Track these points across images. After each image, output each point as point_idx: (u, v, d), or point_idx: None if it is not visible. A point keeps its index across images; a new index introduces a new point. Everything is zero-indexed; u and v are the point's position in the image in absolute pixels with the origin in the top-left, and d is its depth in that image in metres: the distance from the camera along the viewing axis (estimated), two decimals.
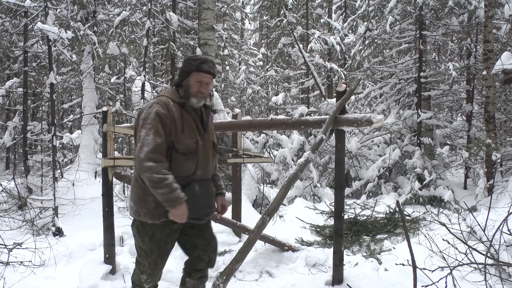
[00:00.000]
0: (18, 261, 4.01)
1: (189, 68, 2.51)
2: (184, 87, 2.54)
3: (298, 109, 9.27)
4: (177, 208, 2.32)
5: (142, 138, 2.35)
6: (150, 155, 2.31)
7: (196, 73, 2.50)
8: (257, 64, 20.30)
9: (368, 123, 3.10)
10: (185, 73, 2.53)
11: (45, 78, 9.22)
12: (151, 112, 2.39)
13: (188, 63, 2.53)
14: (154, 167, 2.30)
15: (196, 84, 2.51)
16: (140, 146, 2.35)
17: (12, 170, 10.94)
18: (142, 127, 2.39)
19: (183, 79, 2.55)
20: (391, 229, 5.47)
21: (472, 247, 2.87)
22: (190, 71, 2.51)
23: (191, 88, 2.52)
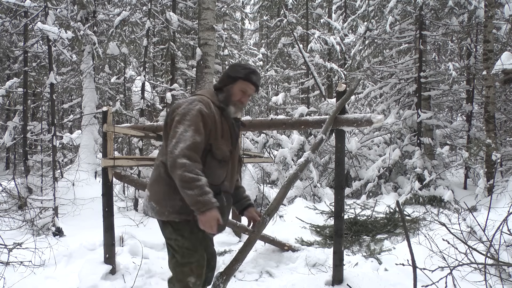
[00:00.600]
0: (18, 261, 4.01)
1: (237, 75, 2.37)
2: (226, 92, 2.40)
3: (298, 109, 9.27)
4: (206, 214, 2.09)
5: (179, 134, 2.16)
6: (186, 152, 2.12)
7: (242, 82, 2.37)
8: (257, 64, 20.28)
9: (368, 123, 3.10)
10: (231, 78, 2.38)
11: (45, 78, 9.22)
12: (192, 109, 2.22)
13: (236, 69, 2.40)
14: (188, 165, 2.10)
15: (239, 92, 2.38)
16: (175, 142, 2.15)
17: (12, 170, 10.95)
18: (179, 123, 2.20)
19: (226, 84, 2.40)
20: (391, 229, 5.47)
21: (472, 247, 2.87)
22: (236, 78, 2.37)
23: (234, 95, 2.38)
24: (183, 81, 13.04)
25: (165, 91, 9.19)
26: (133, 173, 7.73)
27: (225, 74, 2.43)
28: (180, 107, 2.27)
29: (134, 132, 4.17)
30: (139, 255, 4.32)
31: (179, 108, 2.28)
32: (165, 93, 8.75)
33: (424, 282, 2.69)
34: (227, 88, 2.41)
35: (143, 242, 4.58)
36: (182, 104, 2.30)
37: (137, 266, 3.97)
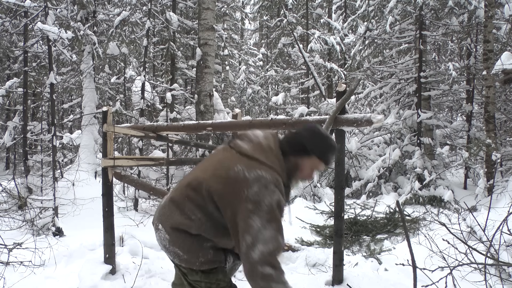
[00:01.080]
0: (18, 261, 4.01)
1: (314, 151, 1.93)
2: (293, 164, 1.95)
3: (298, 109, 9.28)
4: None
5: (257, 231, 1.72)
6: (268, 258, 1.71)
7: (317, 160, 1.96)
8: (257, 64, 20.31)
9: (368, 123, 3.10)
10: (305, 151, 1.93)
11: (45, 78, 9.23)
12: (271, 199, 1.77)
13: (316, 143, 1.94)
14: (275, 276, 1.71)
15: (310, 170, 1.99)
16: (252, 241, 1.71)
17: (12, 170, 10.95)
18: (254, 214, 1.74)
19: (296, 154, 1.94)
20: (391, 229, 5.47)
21: (472, 247, 2.87)
22: (312, 154, 1.93)
23: (302, 171, 1.98)
24: (183, 81, 13.04)
25: (165, 91, 9.19)
26: (133, 173, 7.73)
27: (300, 141, 1.94)
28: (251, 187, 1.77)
29: (134, 132, 4.17)
30: (139, 255, 4.32)
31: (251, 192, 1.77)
32: (165, 93, 8.75)
33: (424, 282, 2.69)
34: (296, 160, 1.95)
35: (143, 242, 4.58)
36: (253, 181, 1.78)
37: (137, 266, 3.97)
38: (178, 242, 1.96)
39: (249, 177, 1.79)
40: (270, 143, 1.95)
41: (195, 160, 7.02)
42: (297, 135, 1.98)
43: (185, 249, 1.95)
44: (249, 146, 1.93)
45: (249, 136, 2.00)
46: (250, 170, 1.81)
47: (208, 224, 1.90)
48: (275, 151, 1.93)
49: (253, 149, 1.91)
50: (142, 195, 7.59)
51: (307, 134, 1.96)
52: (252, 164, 1.84)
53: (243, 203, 1.77)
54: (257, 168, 1.82)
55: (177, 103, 10.82)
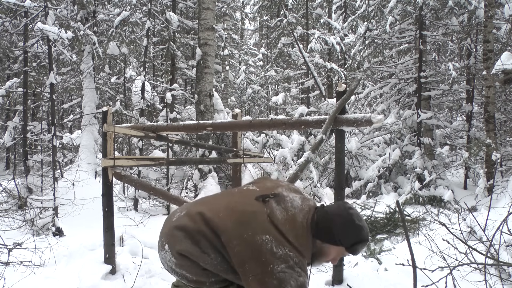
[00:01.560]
0: (18, 261, 4.01)
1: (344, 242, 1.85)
2: (319, 250, 1.89)
3: (298, 109, 9.27)
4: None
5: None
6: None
7: (344, 251, 1.89)
8: (257, 64, 20.31)
9: (368, 123, 3.10)
10: (334, 241, 1.85)
11: (45, 78, 9.23)
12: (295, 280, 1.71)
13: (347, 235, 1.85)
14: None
15: (335, 256, 1.94)
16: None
17: (12, 170, 10.95)
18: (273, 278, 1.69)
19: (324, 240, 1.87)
20: (391, 229, 5.47)
21: (472, 247, 2.88)
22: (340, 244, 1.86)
23: (327, 257, 1.93)
24: (183, 81, 13.04)
25: (165, 91, 9.19)
26: (133, 173, 7.73)
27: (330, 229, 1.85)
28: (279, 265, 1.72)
29: (134, 132, 4.17)
30: (139, 255, 4.32)
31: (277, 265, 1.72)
32: (165, 93, 8.76)
33: (424, 282, 2.69)
34: (323, 246, 1.88)
35: (143, 242, 4.58)
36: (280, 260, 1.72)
37: (137, 266, 3.97)
38: (185, 266, 1.89)
39: (277, 252, 1.73)
40: (304, 221, 1.87)
41: (195, 160, 7.04)
42: (328, 221, 1.87)
43: (193, 272, 1.89)
44: (282, 216, 1.83)
45: (286, 202, 1.90)
46: (278, 246, 1.75)
47: (220, 267, 1.85)
48: (306, 233, 1.85)
49: (285, 222, 1.82)
50: (142, 195, 7.59)
51: (339, 222, 1.86)
52: (281, 241, 1.76)
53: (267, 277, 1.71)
54: (286, 247, 1.75)
55: (177, 103, 10.83)
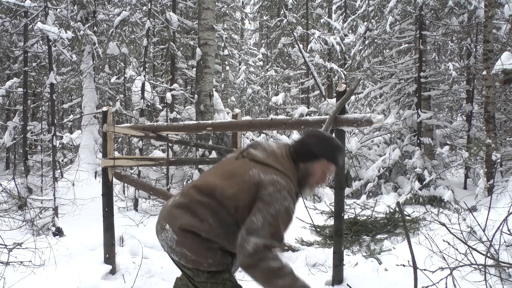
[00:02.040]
0: (18, 261, 4.00)
1: (322, 154, 1.97)
2: (304, 172, 1.98)
3: (298, 109, 9.28)
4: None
5: (256, 227, 1.76)
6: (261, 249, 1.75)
7: (327, 163, 1.99)
8: (257, 64, 20.31)
9: (368, 123, 3.10)
10: (313, 156, 1.97)
11: (45, 78, 9.23)
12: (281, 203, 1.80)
13: (323, 146, 1.99)
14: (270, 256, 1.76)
15: (320, 173, 2.01)
16: (247, 233, 1.76)
17: (12, 170, 10.95)
18: (260, 212, 1.78)
19: (305, 160, 1.98)
20: (391, 229, 5.47)
21: (472, 247, 2.87)
22: (320, 157, 1.97)
23: (313, 176, 2.00)
24: (183, 81, 13.04)
25: (165, 91, 9.19)
26: (133, 173, 7.73)
27: (307, 148, 1.99)
28: (266, 192, 1.81)
29: (134, 132, 4.17)
30: (139, 255, 4.32)
31: (264, 193, 1.81)
32: (165, 93, 8.76)
33: (424, 282, 2.69)
34: (305, 166, 1.99)
35: (143, 242, 4.58)
36: (268, 188, 1.81)
37: (137, 266, 3.97)
38: (186, 243, 1.95)
39: (264, 179, 1.83)
40: (283, 152, 2.00)
41: (195, 160, 7.03)
42: (304, 143, 2.02)
43: (193, 250, 1.95)
44: (263, 155, 1.95)
45: (262, 145, 2.04)
46: (266, 173, 1.85)
47: (220, 230, 1.91)
48: (288, 160, 1.97)
49: (268, 157, 1.94)
50: (142, 195, 7.59)
51: (312, 141, 2.01)
52: (267, 169, 1.87)
53: (256, 202, 1.81)
54: (273, 173, 1.86)
55: (177, 103, 10.83)
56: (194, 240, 1.93)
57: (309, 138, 2.03)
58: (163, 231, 2.01)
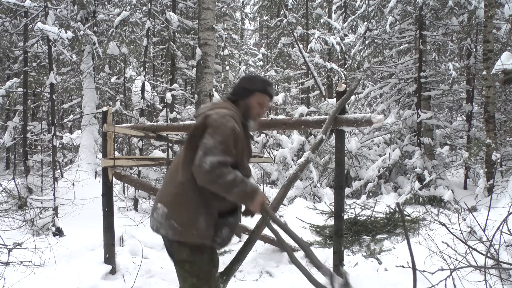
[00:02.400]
0: (18, 261, 4.00)
1: (254, 88, 2.31)
2: (244, 106, 2.31)
3: (298, 109, 9.27)
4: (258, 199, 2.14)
5: (208, 147, 2.03)
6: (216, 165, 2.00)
7: (260, 95, 2.32)
8: (257, 64, 20.30)
9: (368, 123, 3.10)
10: (248, 91, 2.31)
11: (45, 78, 9.22)
12: (226, 125, 2.09)
13: (253, 81, 2.35)
14: (225, 171, 2.02)
15: (257, 105, 2.33)
16: (203, 154, 2.02)
17: (12, 170, 10.95)
18: (210, 135, 2.06)
19: (242, 98, 2.32)
20: (391, 229, 5.47)
21: (472, 247, 2.87)
22: (253, 91, 2.31)
23: (252, 108, 2.32)
24: (183, 81, 13.04)
25: (165, 91, 9.19)
26: (133, 173, 7.73)
27: (240, 86, 2.35)
28: (211, 119, 2.13)
29: (134, 132, 4.17)
30: (139, 255, 4.32)
31: (210, 120, 2.13)
32: (165, 93, 8.75)
33: (424, 283, 2.69)
34: (244, 102, 2.32)
35: (143, 242, 4.58)
36: (213, 116, 2.13)
37: (137, 266, 3.97)
38: (174, 215, 2.17)
39: (210, 113, 2.18)
40: (222, 100, 2.40)
41: None
42: (237, 85, 2.39)
43: (179, 221, 2.16)
44: (206, 107, 2.31)
45: (203, 105, 2.44)
46: (211, 110, 2.22)
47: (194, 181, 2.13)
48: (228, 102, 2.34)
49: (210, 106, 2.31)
50: (142, 195, 7.58)
51: (244, 80, 2.40)
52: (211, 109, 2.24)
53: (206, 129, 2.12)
54: (216, 109, 2.23)
55: (177, 103, 10.83)
56: (183, 211, 2.16)
57: (241, 80, 2.41)
58: (155, 211, 2.23)
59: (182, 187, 2.17)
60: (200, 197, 2.15)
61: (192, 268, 2.22)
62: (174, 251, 2.24)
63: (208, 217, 2.17)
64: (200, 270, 2.22)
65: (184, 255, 2.20)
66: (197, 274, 2.22)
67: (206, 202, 2.16)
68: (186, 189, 2.16)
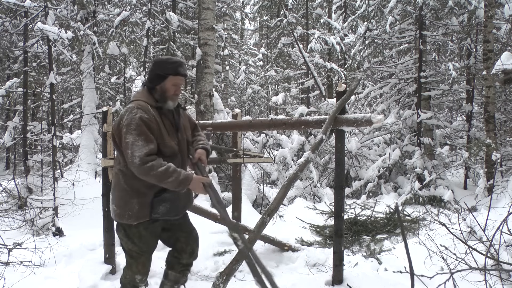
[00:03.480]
0: (18, 261, 4.00)
1: (166, 72, 2.51)
2: (160, 90, 2.54)
3: (298, 109, 9.27)
4: (193, 184, 2.43)
5: (131, 144, 2.32)
6: (145, 158, 2.31)
7: (173, 77, 2.52)
8: (257, 64, 20.30)
9: (368, 123, 3.10)
10: (161, 77, 2.52)
11: (45, 78, 9.22)
12: (134, 118, 2.36)
13: (164, 66, 2.53)
14: (155, 164, 2.32)
15: (172, 87, 2.54)
16: (131, 153, 2.32)
17: (12, 170, 10.94)
18: (127, 134, 2.35)
19: (158, 83, 2.54)
20: (391, 229, 5.47)
21: (472, 247, 2.87)
22: (166, 75, 2.51)
23: (168, 91, 2.53)
24: None
25: None
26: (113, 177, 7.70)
27: (154, 73, 2.55)
28: (123, 119, 2.40)
29: None
30: None
31: (123, 119, 2.40)
32: None
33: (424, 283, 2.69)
34: (160, 86, 2.54)
35: None
36: (123, 114, 2.43)
37: None
38: (113, 199, 2.59)
39: (122, 112, 2.46)
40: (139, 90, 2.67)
41: None
42: (150, 72, 2.59)
43: (118, 204, 2.55)
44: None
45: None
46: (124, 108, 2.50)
47: (126, 169, 2.47)
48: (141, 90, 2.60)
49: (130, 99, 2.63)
50: None
51: (155, 65, 2.57)
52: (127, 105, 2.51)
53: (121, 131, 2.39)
54: (128, 104, 2.51)
55: None
56: (119, 195, 2.54)
57: (152, 66, 2.58)
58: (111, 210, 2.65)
59: (117, 177, 2.57)
60: (131, 184, 2.48)
61: (127, 247, 2.63)
62: (116, 230, 2.69)
63: (141, 199, 2.48)
64: (132, 250, 2.61)
65: (120, 234, 2.62)
66: (130, 253, 2.63)
67: (136, 189, 2.48)
68: (119, 179, 2.53)
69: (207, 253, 4.60)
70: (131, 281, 2.69)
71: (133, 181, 2.46)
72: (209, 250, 4.69)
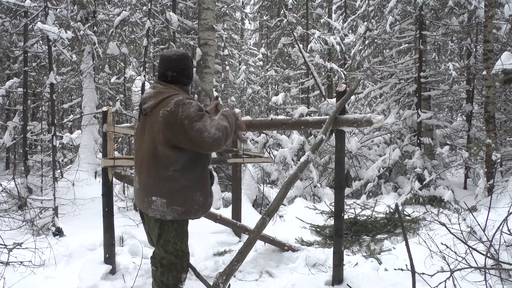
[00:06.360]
0: (18, 261, 4.01)
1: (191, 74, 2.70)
2: (189, 84, 2.74)
3: (298, 109, 9.27)
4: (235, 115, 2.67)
5: (203, 127, 2.36)
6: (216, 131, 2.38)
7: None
8: (257, 64, 20.29)
9: (368, 123, 3.11)
10: (192, 69, 2.67)
11: (45, 78, 9.22)
12: (192, 106, 2.41)
13: (190, 72, 2.68)
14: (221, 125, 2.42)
15: None
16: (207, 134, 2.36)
17: (12, 170, 10.94)
18: (193, 122, 2.37)
19: (188, 82, 2.70)
20: (391, 229, 5.47)
21: (472, 247, 2.87)
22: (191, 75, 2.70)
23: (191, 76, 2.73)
24: None
25: None
26: (133, 173, 7.71)
27: (190, 68, 2.66)
28: (177, 114, 2.40)
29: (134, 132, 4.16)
30: (139, 255, 4.32)
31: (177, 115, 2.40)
32: None
33: (424, 284, 2.69)
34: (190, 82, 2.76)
35: (143, 242, 4.57)
36: (175, 107, 2.42)
37: (137, 266, 3.97)
38: (174, 200, 2.55)
39: (171, 109, 2.41)
40: (167, 87, 2.59)
41: None
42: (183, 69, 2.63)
43: (181, 203, 2.56)
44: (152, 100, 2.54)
45: (145, 94, 2.62)
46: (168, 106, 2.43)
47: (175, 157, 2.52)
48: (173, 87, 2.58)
49: (155, 96, 2.53)
50: None
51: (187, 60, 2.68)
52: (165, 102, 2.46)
53: (184, 124, 2.36)
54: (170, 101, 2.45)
55: None
56: (180, 195, 2.52)
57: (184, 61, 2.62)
58: (159, 205, 2.55)
59: (173, 180, 2.49)
60: (191, 179, 2.52)
61: (174, 248, 2.62)
62: (162, 232, 2.59)
63: (203, 189, 2.58)
64: (180, 250, 2.63)
65: (171, 235, 2.60)
66: (176, 253, 2.62)
67: (198, 181, 2.57)
68: (177, 179, 2.48)
69: (207, 253, 4.60)
70: (176, 282, 2.67)
71: (193, 174, 2.52)
72: (209, 250, 4.70)
